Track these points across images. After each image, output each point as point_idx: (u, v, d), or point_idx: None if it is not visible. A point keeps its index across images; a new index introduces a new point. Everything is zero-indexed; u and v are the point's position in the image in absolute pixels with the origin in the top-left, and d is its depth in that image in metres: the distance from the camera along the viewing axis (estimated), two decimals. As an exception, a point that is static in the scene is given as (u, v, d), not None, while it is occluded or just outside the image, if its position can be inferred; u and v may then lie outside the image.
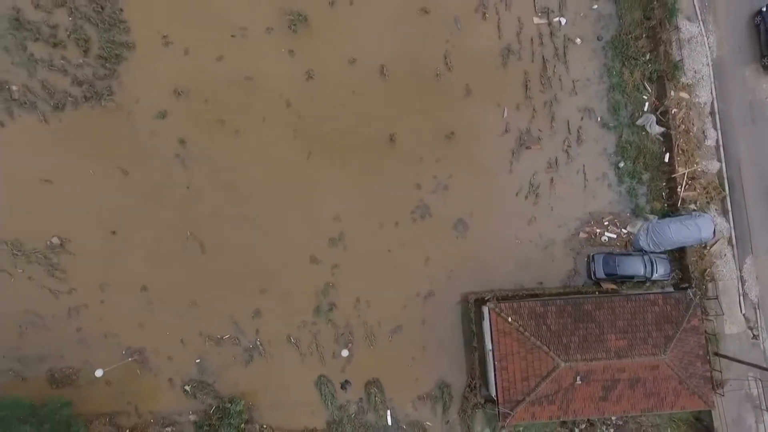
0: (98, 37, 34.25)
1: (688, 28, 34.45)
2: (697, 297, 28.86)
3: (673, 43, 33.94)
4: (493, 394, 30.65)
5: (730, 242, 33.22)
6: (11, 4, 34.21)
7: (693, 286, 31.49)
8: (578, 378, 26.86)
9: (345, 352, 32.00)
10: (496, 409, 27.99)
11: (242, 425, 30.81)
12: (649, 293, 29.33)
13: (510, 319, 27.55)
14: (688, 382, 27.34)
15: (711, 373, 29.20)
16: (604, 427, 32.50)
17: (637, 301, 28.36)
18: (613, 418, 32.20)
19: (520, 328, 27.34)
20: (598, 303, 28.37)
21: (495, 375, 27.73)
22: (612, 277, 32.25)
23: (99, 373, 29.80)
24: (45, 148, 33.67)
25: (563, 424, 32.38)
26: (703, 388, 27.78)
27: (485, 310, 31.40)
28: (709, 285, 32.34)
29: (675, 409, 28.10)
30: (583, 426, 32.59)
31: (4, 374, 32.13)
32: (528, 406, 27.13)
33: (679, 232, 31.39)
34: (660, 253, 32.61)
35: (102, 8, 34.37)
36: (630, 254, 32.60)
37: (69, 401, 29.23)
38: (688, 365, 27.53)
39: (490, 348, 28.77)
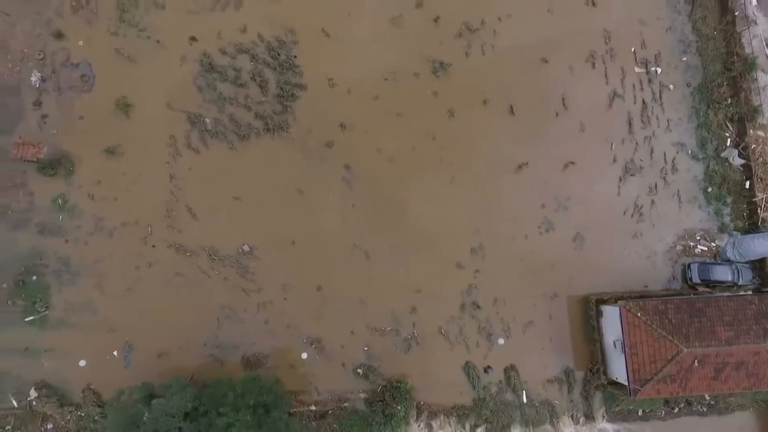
0: (276, 79, 41.44)
1: (762, 77, 41.86)
2: (785, 298, 35.89)
3: (752, 91, 41.25)
4: (613, 377, 37.68)
5: (801, 254, 40.35)
6: (202, 50, 41.44)
7: (772, 289, 38.62)
8: (696, 361, 33.71)
9: (501, 341, 38.84)
10: (627, 386, 34.81)
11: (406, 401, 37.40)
12: (747, 294, 36.37)
13: (639, 314, 34.48)
14: (782, 365, 34.37)
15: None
16: (699, 406, 39.38)
17: (737, 300, 35.32)
18: (707, 397, 39.07)
19: (648, 321, 34.24)
20: (707, 302, 35.30)
21: (626, 360, 34.54)
22: (705, 282, 39.23)
23: (305, 355, 36.66)
24: (234, 171, 40.63)
25: (666, 402, 39.24)
26: (792, 371, 34.77)
27: (604, 308, 38.42)
28: (786, 289, 39.48)
29: (770, 388, 35.09)
30: (682, 405, 39.45)
31: (206, 358, 38.80)
32: (655, 384, 33.91)
33: (762, 245, 38.49)
34: (744, 262, 39.69)
35: (278, 55, 41.57)
36: (720, 263, 39.63)
37: (279, 378, 35.80)
38: (781, 352, 34.54)
39: (619, 338, 35.64)
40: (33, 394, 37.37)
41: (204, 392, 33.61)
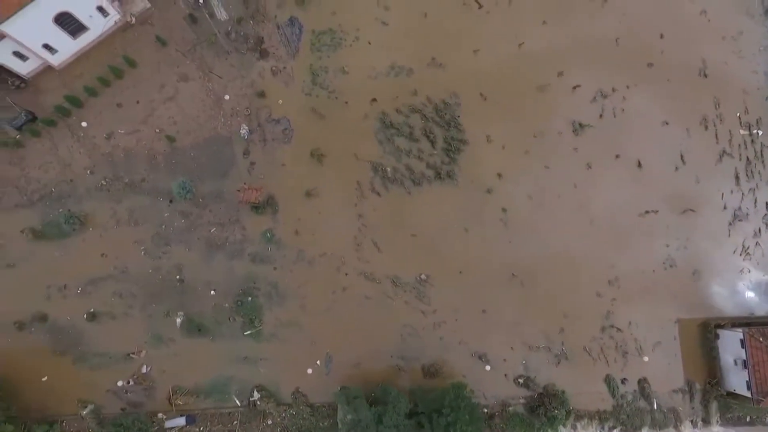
0: (443, 135, 49.61)
1: None
2: None
3: (842, 151, 49.79)
4: (731, 389, 45.86)
5: None
6: (381, 109, 49.55)
7: None
8: (808, 377, 42.11)
9: (646, 358, 46.97)
10: (750, 397, 43.00)
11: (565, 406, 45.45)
12: None
13: (761, 339, 42.75)
14: None
15: None
16: (798, 413, 47.66)
17: (838, 327, 43.82)
18: (808, 404, 47.37)
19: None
20: (813, 328, 43.78)
21: (750, 376, 42.79)
22: (803, 311, 47.66)
23: (488, 368, 44.82)
24: (410, 211, 48.65)
25: (771, 410, 47.48)
26: None
27: (721, 331, 46.70)
28: None
29: None
30: (784, 412, 47.72)
31: (392, 368, 46.68)
32: (773, 395, 42.35)
33: None
34: (835, 295, 48.14)
35: (445, 114, 49.74)
36: (816, 295, 48.05)
37: (466, 383, 43.73)
38: None
39: (739, 357, 43.89)
40: (256, 395, 45.29)
41: (413, 396, 41.60)
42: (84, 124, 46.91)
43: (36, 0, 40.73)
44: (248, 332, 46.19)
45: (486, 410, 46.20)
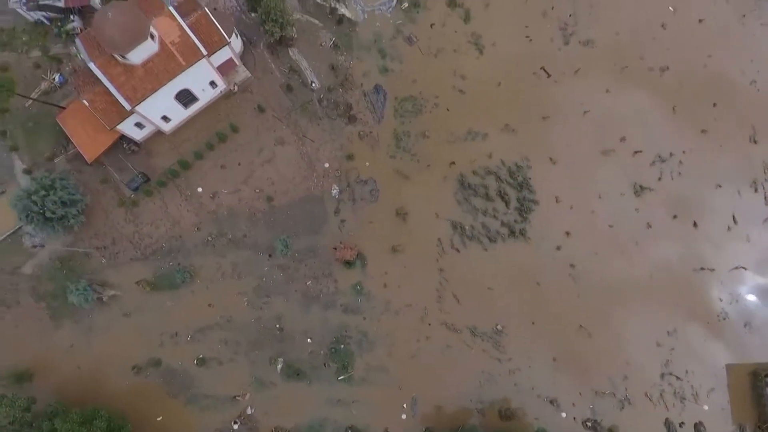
0: (515, 195, 54.22)
1: None
2: None
3: None
4: (780, 433, 50.58)
5: None
6: (459, 171, 54.11)
7: None
8: None
9: (706, 407, 51.64)
10: (800, 443, 47.76)
11: (626, 446, 50.27)
12: None
13: (811, 390, 47.52)
14: None
15: None
16: (839, 454, 52.30)
17: None
18: None
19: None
20: None
21: (801, 423, 47.57)
22: None
23: (564, 414, 49.51)
24: (487, 266, 53.28)
25: (813, 449, 52.23)
26: None
27: (771, 380, 51.39)
28: None
29: None
30: (826, 453, 52.37)
31: (470, 411, 51.36)
32: (823, 441, 47.03)
33: None
34: None
35: (517, 176, 54.34)
36: None
37: (546, 428, 48.36)
38: None
39: (790, 406, 48.63)
40: (350, 436, 50.11)
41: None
42: (200, 189, 51.67)
43: (166, 84, 45.42)
44: (342, 377, 50.83)
45: (558, 451, 50.97)
